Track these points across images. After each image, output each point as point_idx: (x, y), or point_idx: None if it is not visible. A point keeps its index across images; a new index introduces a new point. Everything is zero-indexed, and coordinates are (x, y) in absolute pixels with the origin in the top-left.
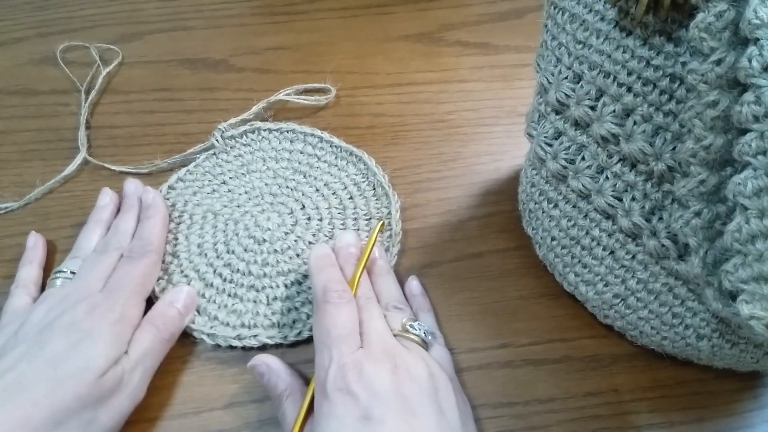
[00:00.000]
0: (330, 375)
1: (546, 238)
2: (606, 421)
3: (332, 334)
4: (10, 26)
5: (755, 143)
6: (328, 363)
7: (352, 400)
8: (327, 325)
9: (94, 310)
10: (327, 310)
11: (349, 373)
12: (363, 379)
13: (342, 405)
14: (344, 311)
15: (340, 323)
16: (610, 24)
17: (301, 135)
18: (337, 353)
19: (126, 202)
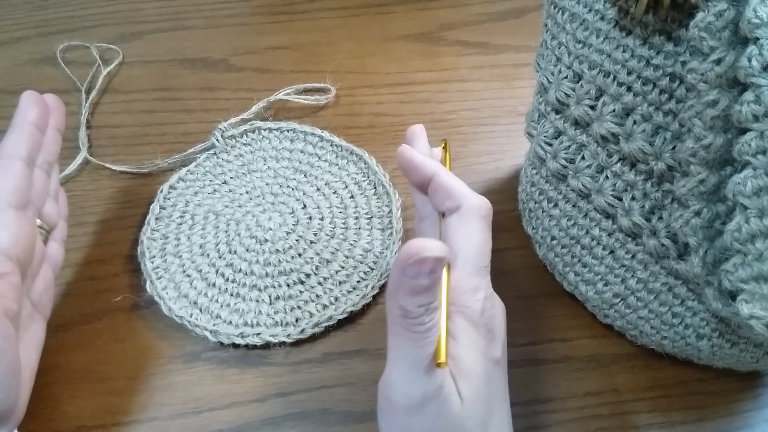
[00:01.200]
0: (482, 305)
1: (546, 237)
2: (606, 421)
3: (485, 260)
4: (10, 26)
5: (755, 143)
6: (477, 290)
7: (491, 336)
8: (484, 247)
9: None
10: (484, 229)
11: (491, 310)
12: (497, 320)
13: (486, 338)
14: (490, 238)
15: (490, 249)
16: (610, 23)
17: (302, 134)
18: (485, 283)
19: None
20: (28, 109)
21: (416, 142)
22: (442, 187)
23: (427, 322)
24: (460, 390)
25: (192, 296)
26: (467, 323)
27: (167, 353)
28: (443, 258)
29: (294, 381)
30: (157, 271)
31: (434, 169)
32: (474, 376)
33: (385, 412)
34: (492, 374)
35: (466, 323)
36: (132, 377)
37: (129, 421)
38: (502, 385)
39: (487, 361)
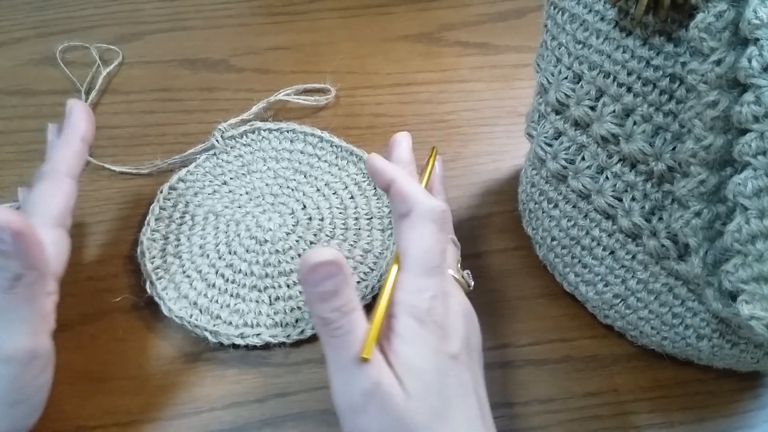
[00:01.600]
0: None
1: (546, 238)
2: (606, 421)
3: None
4: (10, 26)
5: (755, 143)
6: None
7: (443, 333)
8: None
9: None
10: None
11: (442, 308)
12: (450, 316)
13: (436, 335)
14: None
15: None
16: (610, 24)
17: (302, 135)
18: (437, 284)
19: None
20: (81, 123)
21: (396, 149)
22: (398, 192)
23: (344, 325)
24: (405, 384)
25: (192, 297)
26: (413, 321)
27: (167, 354)
28: (334, 261)
29: (294, 381)
30: (157, 271)
31: (394, 176)
32: (420, 370)
33: (340, 420)
34: (447, 369)
35: (411, 321)
36: (132, 377)
37: (129, 421)
38: (465, 380)
39: (438, 356)
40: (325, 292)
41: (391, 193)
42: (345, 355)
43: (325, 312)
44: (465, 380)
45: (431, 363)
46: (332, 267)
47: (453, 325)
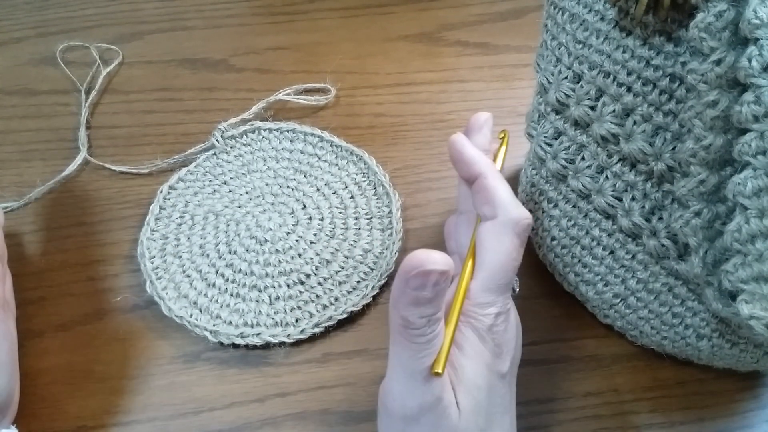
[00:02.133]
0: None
1: (546, 237)
2: (606, 421)
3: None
4: (10, 26)
5: (755, 143)
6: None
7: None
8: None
9: None
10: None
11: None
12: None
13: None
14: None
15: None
16: (610, 24)
17: (302, 135)
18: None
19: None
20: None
21: (476, 133)
22: (485, 190)
23: (428, 334)
24: (459, 401)
25: (192, 296)
26: (474, 335)
27: (167, 353)
28: (447, 271)
29: (294, 381)
30: (157, 271)
31: (483, 169)
32: (474, 387)
33: (384, 418)
34: (495, 388)
35: (473, 335)
36: (132, 377)
37: (129, 421)
38: (506, 400)
39: (491, 374)
40: (421, 297)
41: (477, 188)
42: (417, 363)
43: (412, 316)
44: (506, 398)
45: (485, 381)
46: (443, 277)
47: (508, 344)
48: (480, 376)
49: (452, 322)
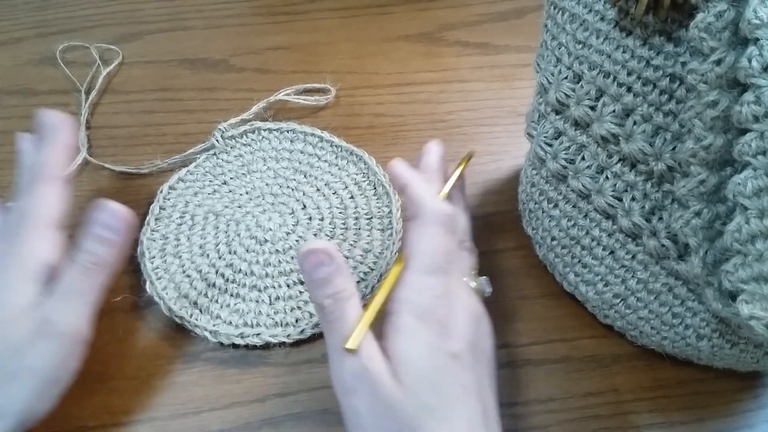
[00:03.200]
0: (430, 302)
1: (546, 238)
2: (606, 421)
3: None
4: (10, 26)
5: (755, 143)
6: (429, 289)
7: (445, 332)
8: (440, 248)
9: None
10: (439, 233)
11: (446, 307)
12: (455, 316)
13: (436, 333)
14: (452, 242)
15: (450, 251)
16: (610, 24)
17: (302, 135)
18: (441, 283)
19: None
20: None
21: (425, 156)
22: (407, 196)
23: (336, 311)
24: (399, 375)
25: (192, 296)
26: (412, 318)
27: (167, 353)
28: (323, 249)
29: (294, 381)
30: (157, 271)
31: (407, 180)
32: (414, 364)
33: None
34: (445, 366)
35: (411, 318)
36: (132, 377)
37: (129, 421)
38: (466, 380)
39: (436, 353)
40: (319, 278)
41: (404, 197)
42: (337, 339)
43: (320, 297)
44: (466, 381)
45: (427, 358)
46: (323, 255)
47: (457, 325)
48: (419, 354)
49: (371, 306)
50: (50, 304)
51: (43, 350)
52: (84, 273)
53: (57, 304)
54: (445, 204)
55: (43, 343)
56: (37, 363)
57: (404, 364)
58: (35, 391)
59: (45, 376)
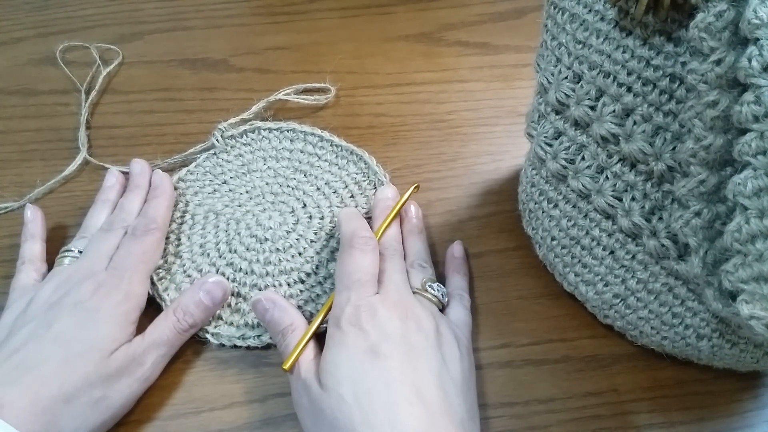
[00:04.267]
0: (345, 312)
1: (546, 238)
2: (606, 421)
3: (353, 277)
4: (10, 26)
5: (755, 143)
6: (345, 302)
7: (362, 334)
8: (349, 268)
9: (99, 289)
10: (352, 254)
11: (363, 312)
12: (375, 319)
13: (353, 336)
14: (367, 258)
15: (362, 268)
16: (610, 24)
17: (302, 134)
18: (355, 295)
19: (132, 181)
20: (171, 192)
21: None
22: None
23: (283, 343)
24: (322, 380)
25: None
26: (333, 329)
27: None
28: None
29: None
30: (158, 271)
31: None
32: (333, 367)
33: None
34: (362, 362)
35: (333, 329)
36: None
37: (129, 421)
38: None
39: (353, 352)
40: (268, 321)
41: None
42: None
43: (275, 336)
44: (389, 368)
45: (344, 359)
46: (265, 303)
47: (377, 324)
48: (338, 357)
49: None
50: (144, 347)
51: (126, 387)
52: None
53: (149, 349)
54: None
55: (128, 381)
56: (117, 396)
57: (326, 369)
58: (104, 421)
59: (117, 410)
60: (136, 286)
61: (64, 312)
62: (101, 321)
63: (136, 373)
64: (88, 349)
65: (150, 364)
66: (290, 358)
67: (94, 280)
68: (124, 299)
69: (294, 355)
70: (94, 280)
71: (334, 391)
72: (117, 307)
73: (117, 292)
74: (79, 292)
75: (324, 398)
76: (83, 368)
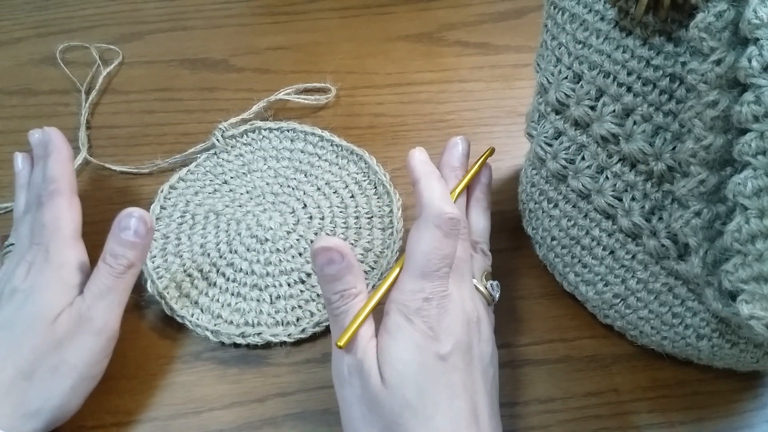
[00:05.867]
0: (417, 303)
1: (546, 238)
2: (606, 421)
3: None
4: (10, 26)
5: (755, 143)
6: (419, 290)
7: (434, 335)
8: (430, 252)
9: (30, 269)
10: (436, 236)
11: (436, 310)
12: (446, 320)
13: (424, 336)
14: (452, 245)
15: (446, 257)
16: (610, 24)
17: (302, 134)
18: (430, 286)
19: (35, 155)
20: (64, 145)
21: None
22: (416, 193)
23: (341, 307)
24: (384, 374)
25: (193, 296)
26: (402, 319)
27: (168, 353)
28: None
29: (294, 381)
30: (158, 270)
31: (418, 176)
32: (400, 363)
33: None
34: (432, 367)
35: (400, 319)
36: (132, 377)
37: (129, 421)
38: (454, 382)
39: (423, 353)
40: (328, 275)
41: (415, 193)
42: (338, 334)
43: (328, 293)
44: (454, 382)
45: (413, 359)
46: (334, 253)
47: (447, 327)
48: (405, 354)
49: (366, 306)
50: (87, 302)
51: (81, 345)
52: (115, 274)
53: (93, 303)
54: (449, 206)
55: (82, 339)
56: (75, 357)
57: (390, 363)
58: (72, 386)
59: (82, 370)
60: (64, 251)
61: (6, 300)
62: (38, 294)
63: (87, 329)
64: (30, 323)
65: (99, 317)
66: (346, 333)
67: (23, 262)
68: (56, 268)
69: (350, 330)
70: (24, 263)
71: (399, 391)
72: (50, 278)
73: (46, 265)
74: (13, 279)
75: (385, 395)
76: (31, 341)
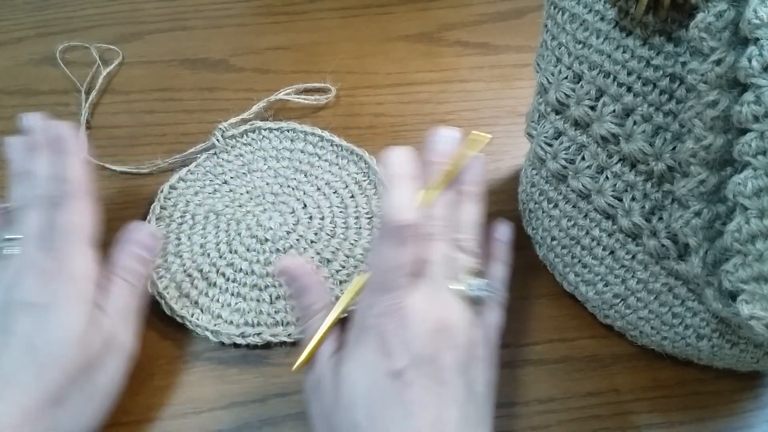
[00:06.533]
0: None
1: (546, 238)
2: (606, 421)
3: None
4: (10, 26)
5: (755, 143)
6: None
7: (386, 350)
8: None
9: (44, 280)
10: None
11: (392, 323)
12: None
13: (375, 352)
14: (404, 252)
15: (396, 267)
16: (610, 24)
17: (302, 134)
18: (386, 298)
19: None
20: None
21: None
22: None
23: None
24: (339, 393)
25: (193, 296)
26: (355, 336)
27: (168, 353)
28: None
29: (294, 381)
30: (158, 270)
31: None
32: (349, 386)
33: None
34: (381, 387)
35: (355, 336)
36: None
37: (129, 421)
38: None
39: (373, 373)
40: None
41: None
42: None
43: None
44: (410, 399)
45: (362, 379)
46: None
47: (405, 341)
48: (355, 374)
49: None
50: (113, 321)
51: (110, 366)
52: (137, 292)
53: (119, 321)
54: (403, 212)
55: (111, 360)
56: (106, 379)
57: (342, 383)
58: (101, 407)
59: (110, 391)
60: (79, 262)
61: (19, 314)
62: (60, 312)
63: (114, 350)
64: (57, 346)
65: (126, 337)
66: (302, 358)
67: (34, 270)
68: (72, 281)
69: (306, 352)
70: (35, 271)
71: (348, 413)
72: (69, 292)
73: (62, 278)
74: (24, 289)
75: (337, 417)
76: (60, 365)
